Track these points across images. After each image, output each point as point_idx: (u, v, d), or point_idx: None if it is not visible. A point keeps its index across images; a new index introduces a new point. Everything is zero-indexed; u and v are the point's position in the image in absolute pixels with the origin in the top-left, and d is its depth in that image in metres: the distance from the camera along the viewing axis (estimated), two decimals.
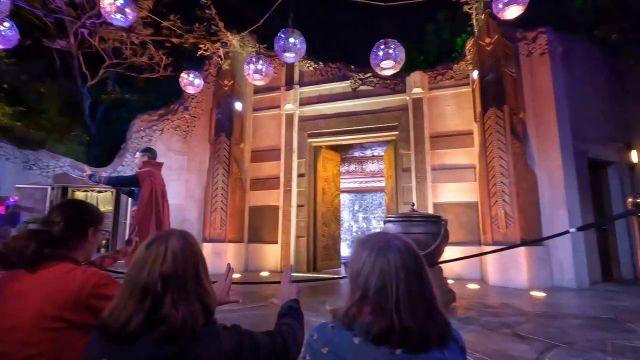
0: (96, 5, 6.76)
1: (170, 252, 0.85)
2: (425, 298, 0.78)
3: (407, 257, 0.81)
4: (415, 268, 0.80)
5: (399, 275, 0.78)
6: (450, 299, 3.78)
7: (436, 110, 6.65)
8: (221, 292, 1.28)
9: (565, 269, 5.27)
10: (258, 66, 4.67)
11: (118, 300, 0.82)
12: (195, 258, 0.89)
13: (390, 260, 0.80)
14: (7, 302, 1.04)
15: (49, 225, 1.16)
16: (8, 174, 6.78)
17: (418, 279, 0.79)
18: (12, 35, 3.87)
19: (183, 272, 0.84)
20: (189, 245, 0.89)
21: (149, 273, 0.82)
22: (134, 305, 0.79)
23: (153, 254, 0.84)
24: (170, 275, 0.82)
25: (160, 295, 0.80)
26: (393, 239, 0.85)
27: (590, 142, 5.85)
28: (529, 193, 5.53)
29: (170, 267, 0.83)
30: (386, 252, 0.81)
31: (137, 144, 7.62)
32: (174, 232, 0.91)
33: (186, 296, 0.82)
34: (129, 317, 0.78)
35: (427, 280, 0.81)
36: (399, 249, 0.82)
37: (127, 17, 3.92)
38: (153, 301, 0.79)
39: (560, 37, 5.99)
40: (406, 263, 0.80)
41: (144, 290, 0.80)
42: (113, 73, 10.18)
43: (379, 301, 0.77)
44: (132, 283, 0.82)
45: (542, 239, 5.18)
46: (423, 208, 6.24)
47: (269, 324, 1.05)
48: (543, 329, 3.03)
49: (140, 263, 0.84)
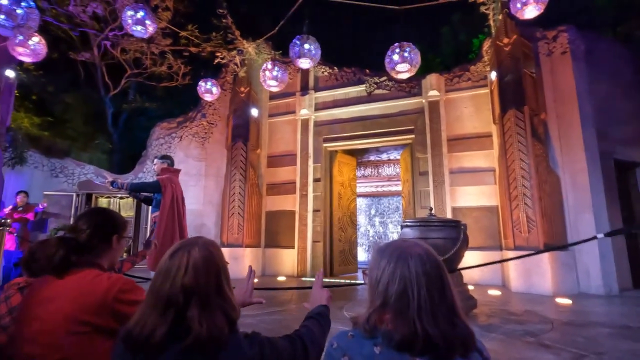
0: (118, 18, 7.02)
1: (192, 263, 0.85)
2: (447, 305, 0.77)
3: (428, 263, 0.80)
4: (436, 274, 0.79)
5: (420, 282, 0.77)
6: (472, 306, 3.69)
7: (453, 112, 6.55)
8: (244, 294, 1.30)
9: (592, 274, 5.07)
10: (273, 73, 4.72)
11: (143, 310, 0.83)
12: (217, 269, 0.88)
13: (410, 266, 0.79)
14: (38, 307, 1.08)
15: (76, 233, 1.21)
16: (36, 182, 7.07)
17: (439, 286, 0.78)
18: (41, 49, 4.05)
19: (205, 284, 0.84)
20: (211, 255, 0.89)
21: (171, 284, 0.82)
22: (157, 317, 0.80)
23: (176, 264, 0.85)
24: (192, 287, 0.82)
25: (183, 307, 0.80)
26: (413, 246, 0.84)
27: (616, 142, 5.63)
28: (552, 196, 5.36)
29: (192, 279, 0.83)
30: (406, 259, 0.80)
31: (157, 151, 7.82)
32: (198, 241, 0.91)
33: (209, 308, 0.82)
34: (153, 328, 0.79)
35: (449, 287, 0.80)
36: (420, 255, 0.81)
37: (147, 29, 4.05)
38: (176, 313, 0.80)
39: (582, 35, 5.81)
40: (427, 269, 0.79)
41: (167, 302, 0.81)
42: (134, 82, 10.51)
43: (400, 307, 0.76)
44: (155, 293, 0.83)
45: (567, 245, 4.99)
46: (441, 212, 6.14)
47: (287, 329, 1.05)
48: (570, 338, 2.91)
49: (164, 273, 0.85)
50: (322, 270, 1.42)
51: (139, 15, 3.99)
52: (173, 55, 8.53)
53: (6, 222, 3.13)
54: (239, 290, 1.31)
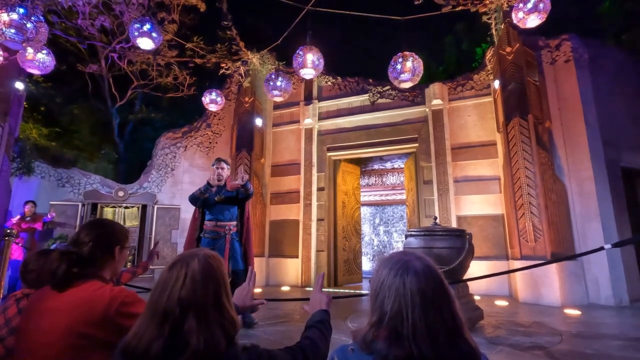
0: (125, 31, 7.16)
1: (190, 276, 0.83)
2: (446, 325, 0.73)
3: (425, 280, 0.77)
4: (433, 293, 0.76)
5: (414, 300, 0.74)
6: (478, 317, 3.63)
7: (457, 121, 6.54)
8: (245, 296, 1.28)
9: (601, 285, 4.97)
10: (277, 83, 4.76)
11: (141, 323, 0.82)
12: (217, 282, 0.86)
13: (406, 283, 0.76)
14: (38, 319, 1.08)
15: (78, 246, 1.21)
16: (43, 192, 7.14)
17: (436, 305, 0.75)
18: (49, 62, 4.13)
19: (202, 298, 0.82)
20: (210, 268, 0.87)
21: (168, 297, 0.81)
22: (154, 330, 0.79)
23: (174, 276, 0.84)
24: (188, 301, 0.81)
25: (179, 320, 0.79)
26: (413, 260, 0.82)
27: (623, 150, 5.58)
28: (559, 205, 5.30)
29: (189, 292, 0.82)
30: (403, 274, 0.78)
31: (162, 161, 7.88)
32: (199, 253, 0.90)
33: (206, 322, 0.80)
34: (150, 341, 0.78)
35: (449, 305, 0.76)
36: (417, 271, 0.78)
37: (153, 41, 4.12)
38: (173, 326, 0.79)
39: (586, 43, 5.81)
40: (423, 287, 0.75)
41: (164, 314, 0.80)
42: (140, 93, 10.66)
43: (394, 326, 0.73)
44: (153, 305, 0.83)
45: (575, 256, 4.90)
46: (446, 221, 6.08)
47: (290, 341, 1.04)
48: (580, 350, 2.84)
49: (162, 285, 0.84)
50: (323, 274, 1.40)
51: (145, 28, 4.06)
52: (179, 67, 8.65)
53: (12, 232, 3.16)
54: (238, 294, 1.29)
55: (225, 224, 3.69)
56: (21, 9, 3.07)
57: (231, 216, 3.76)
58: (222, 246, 3.60)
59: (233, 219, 3.77)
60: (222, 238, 3.65)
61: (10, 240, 3.11)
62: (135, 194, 7.60)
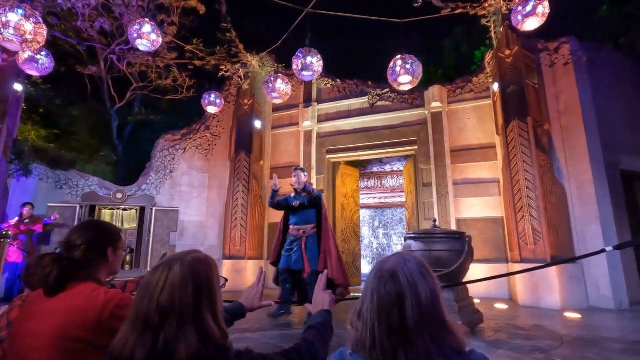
0: (125, 33, 7.16)
1: (169, 282, 0.78)
2: (405, 331, 0.72)
3: (388, 284, 0.77)
4: (394, 298, 0.74)
5: (374, 305, 0.76)
6: (478, 320, 3.61)
7: (456, 123, 6.54)
8: (253, 297, 1.27)
9: (601, 288, 4.95)
10: (277, 85, 4.76)
11: (125, 328, 0.79)
12: (199, 288, 0.80)
13: (374, 289, 0.78)
14: (32, 322, 1.06)
15: (71, 249, 1.18)
16: (41, 194, 7.10)
17: (397, 313, 0.73)
18: (48, 64, 4.12)
19: (180, 305, 0.77)
20: (194, 273, 0.81)
21: (149, 302, 0.77)
22: (137, 337, 0.75)
23: (155, 280, 0.80)
24: (166, 308, 0.76)
25: (158, 328, 0.75)
26: (387, 261, 0.82)
27: (622, 153, 5.58)
28: (558, 208, 5.29)
29: (167, 299, 0.77)
30: (372, 279, 0.80)
31: (161, 163, 7.85)
32: (184, 257, 0.85)
33: (185, 331, 0.75)
34: (133, 350, 0.74)
35: (411, 315, 0.72)
36: (381, 276, 0.79)
37: (152, 43, 4.11)
38: (154, 333, 0.75)
39: (584, 46, 5.83)
40: (382, 293, 0.76)
41: (145, 320, 0.76)
42: (139, 95, 10.64)
43: (365, 334, 0.76)
44: (135, 310, 0.79)
45: (576, 258, 4.89)
46: (445, 224, 6.07)
47: (290, 344, 1.02)
48: (580, 354, 2.82)
49: (143, 289, 0.80)
50: (326, 273, 1.37)
51: (145, 30, 4.06)
52: (178, 69, 8.65)
53: (8, 234, 3.12)
54: (247, 294, 1.29)
55: (301, 227, 4.02)
56: (20, 10, 3.06)
57: (307, 219, 4.03)
58: (299, 248, 3.93)
59: (309, 222, 4.03)
60: (299, 240, 3.97)
61: (5, 242, 3.08)
62: (134, 196, 7.57)
